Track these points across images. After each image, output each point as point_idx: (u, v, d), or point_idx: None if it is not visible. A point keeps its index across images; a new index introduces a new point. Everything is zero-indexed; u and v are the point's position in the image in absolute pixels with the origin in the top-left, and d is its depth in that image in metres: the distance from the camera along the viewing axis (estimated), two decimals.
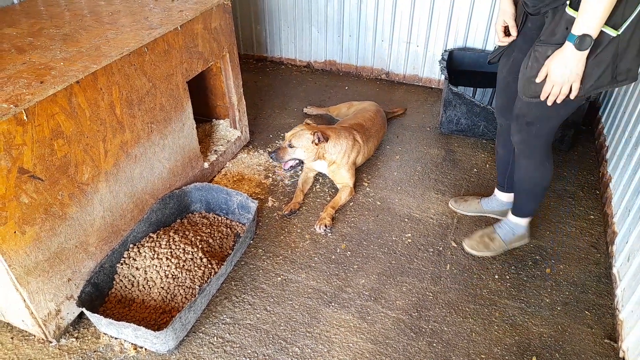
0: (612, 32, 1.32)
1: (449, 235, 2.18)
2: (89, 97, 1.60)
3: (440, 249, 2.11)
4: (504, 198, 2.18)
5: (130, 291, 1.82)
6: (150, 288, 1.81)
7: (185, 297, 1.79)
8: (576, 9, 1.32)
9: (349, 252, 2.10)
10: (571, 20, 1.35)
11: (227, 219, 2.21)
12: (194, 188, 2.20)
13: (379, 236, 2.18)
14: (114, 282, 1.84)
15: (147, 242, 1.94)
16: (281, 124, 3.02)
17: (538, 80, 1.47)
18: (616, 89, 2.57)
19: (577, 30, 1.32)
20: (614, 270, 1.93)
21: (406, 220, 2.27)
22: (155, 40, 1.85)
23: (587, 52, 1.34)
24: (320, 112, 3.06)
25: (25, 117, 1.38)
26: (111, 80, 1.68)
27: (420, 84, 3.47)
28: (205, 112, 2.79)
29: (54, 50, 1.70)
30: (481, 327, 1.78)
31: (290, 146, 2.31)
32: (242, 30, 3.76)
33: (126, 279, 1.84)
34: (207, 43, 2.20)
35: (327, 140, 2.32)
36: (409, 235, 2.19)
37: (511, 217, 2.04)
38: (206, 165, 2.41)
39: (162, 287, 1.80)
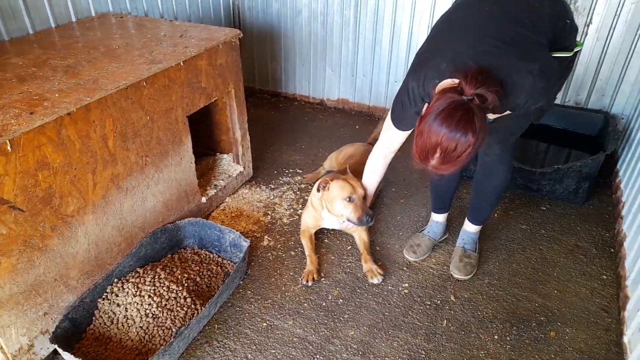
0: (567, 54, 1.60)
1: (448, 288, 2.06)
2: (80, 129, 1.60)
3: (438, 302, 2.00)
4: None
5: (108, 329, 1.76)
6: (129, 327, 1.75)
7: (163, 339, 1.73)
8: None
9: (340, 300, 2.01)
10: None
11: (219, 256, 2.15)
12: (188, 223, 2.17)
13: (374, 284, 2.08)
14: (94, 318, 1.78)
15: (133, 277, 1.90)
16: (288, 160, 2.99)
17: None
18: (636, 141, 2.45)
19: None
20: (625, 339, 1.78)
21: (405, 268, 2.17)
22: (155, 75, 1.86)
23: None
24: (314, 175, 2.77)
25: (9, 147, 1.37)
26: (105, 113, 1.68)
27: None
28: (210, 146, 2.78)
29: (53, 81, 1.72)
30: None
31: None
32: (257, 66, 3.80)
33: (106, 316, 1.78)
34: (212, 79, 2.21)
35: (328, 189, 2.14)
36: (406, 285, 2.08)
37: (474, 228, 2.18)
38: (204, 199, 2.38)
39: (141, 327, 1.74)
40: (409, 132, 1.77)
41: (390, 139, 1.83)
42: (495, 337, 1.85)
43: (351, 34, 3.32)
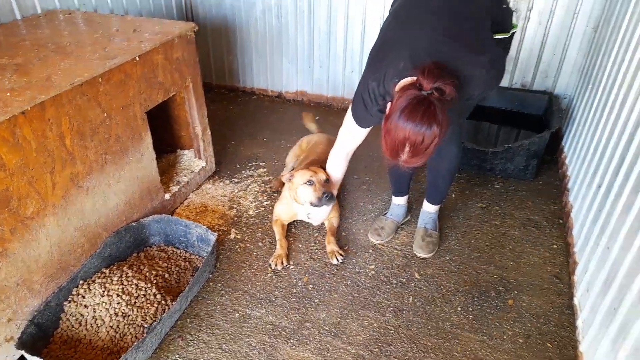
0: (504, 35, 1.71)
1: (412, 266, 2.15)
2: (36, 129, 1.56)
3: (404, 280, 2.08)
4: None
5: (77, 331, 1.73)
6: (98, 327, 1.72)
7: (135, 337, 1.72)
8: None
9: (310, 285, 2.05)
10: None
11: (186, 252, 2.15)
12: (152, 220, 2.14)
13: (342, 268, 2.14)
14: (60, 322, 1.75)
15: (99, 278, 1.87)
16: (250, 154, 3.00)
17: None
18: (577, 119, 2.62)
19: None
20: (575, 301, 1.92)
21: (370, 251, 2.24)
22: (110, 71, 1.83)
23: None
24: (279, 181, 2.66)
25: None
26: (61, 111, 1.64)
27: None
28: (170, 142, 2.75)
29: (2, 80, 1.66)
30: None
31: None
32: (213, 61, 3.77)
33: (73, 318, 1.75)
34: (169, 73, 2.18)
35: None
36: (373, 266, 2.15)
37: (432, 208, 2.27)
38: (167, 196, 2.36)
39: (111, 326, 1.72)
40: (369, 128, 1.88)
41: (353, 136, 1.93)
42: (459, 308, 1.95)
43: (306, 25, 3.35)
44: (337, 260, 2.15)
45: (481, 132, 3.05)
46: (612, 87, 2.09)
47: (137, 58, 1.96)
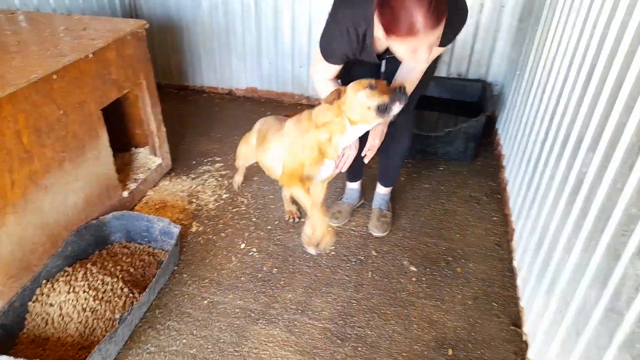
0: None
1: (369, 245, 2.30)
2: None
3: (362, 258, 2.22)
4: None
5: (44, 330, 1.72)
6: (66, 324, 1.73)
7: (105, 330, 1.74)
8: None
9: (275, 269, 2.15)
10: None
11: (149, 247, 2.17)
12: (113, 217, 2.15)
13: (305, 251, 2.25)
14: (26, 322, 1.73)
15: (62, 276, 1.86)
16: (205, 150, 3.03)
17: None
18: (508, 103, 2.88)
19: None
20: (514, 264, 2.14)
21: None
22: (65, 67, 1.83)
23: None
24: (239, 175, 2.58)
25: None
26: (17, 108, 1.63)
27: None
28: (124, 141, 2.74)
29: None
30: (402, 328, 1.88)
31: None
32: (160, 60, 3.75)
33: (39, 317, 1.74)
34: (122, 70, 2.20)
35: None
36: (333, 248, 2.28)
37: (385, 190, 2.42)
38: (125, 194, 2.36)
39: (80, 322, 1.73)
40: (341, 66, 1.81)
41: (326, 74, 1.85)
42: (413, 279, 2.11)
43: (253, 22, 3.42)
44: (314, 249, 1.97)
45: (424, 119, 3.26)
46: (535, 73, 2.34)
47: (91, 55, 1.97)
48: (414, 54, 1.44)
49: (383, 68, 2.05)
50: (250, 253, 2.23)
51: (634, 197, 1.16)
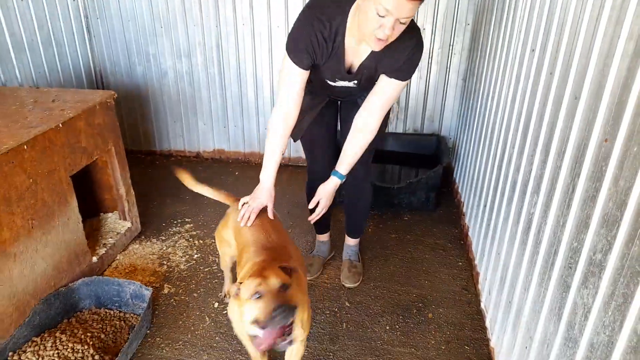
0: None
1: (342, 296, 2.34)
2: None
3: (336, 309, 2.25)
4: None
5: None
6: None
7: None
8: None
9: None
10: None
11: (119, 311, 2.13)
12: (82, 283, 2.12)
13: None
14: None
15: (30, 347, 1.81)
16: (174, 211, 3.06)
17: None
18: (462, 154, 3.09)
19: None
20: (482, 306, 2.23)
21: None
22: (35, 138, 1.88)
23: None
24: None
25: None
26: None
27: (304, 164, 3.79)
28: (92, 207, 2.74)
29: None
30: None
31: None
32: (127, 127, 3.83)
33: None
34: (91, 138, 2.26)
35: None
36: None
37: (354, 241, 2.51)
38: (95, 259, 2.34)
39: None
40: (308, 71, 1.76)
41: (291, 85, 1.75)
42: (387, 327, 2.15)
43: (218, 89, 3.59)
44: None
45: (387, 172, 3.43)
46: (482, 125, 2.56)
47: (60, 125, 2.03)
48: (380, 26, 1.45)
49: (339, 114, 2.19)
50: (224, 312, 2.23)
51: (574, 232, 1.29)
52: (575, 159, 1.33)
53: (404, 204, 3.05)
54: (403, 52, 1.69)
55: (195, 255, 2.62)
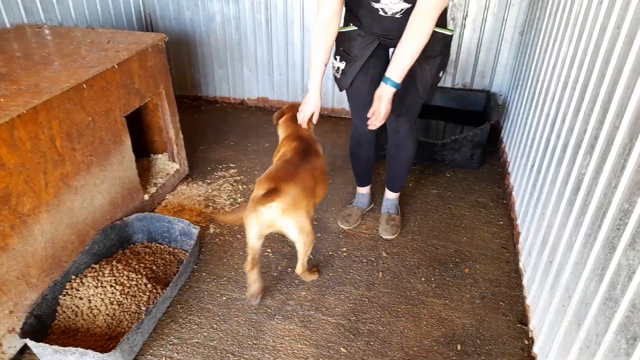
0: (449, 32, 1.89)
1: (379, 247, 2.39)
2: (30, 131, 1.67)
3: (373, 259, 2.31)
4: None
5: (74, 321, 1.82)
6: (95, 316, 1.83)
7: (131, 322, 1.83)
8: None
9: (289, 269, 2.24)
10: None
11: (169, 247, 2.27)
12: (135, 219, 2.26)
13: (317, 252, 2.34)
14: (57, 314, 1.84)
15: (90, 272, 1.97)
16: (219, 157, 3.15)
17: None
18: (512, 112, 2.99)
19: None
20: (520, 265, 2.22)
21: (341, 236, 2.46)
22: (93, 77, 1.96)
23: None
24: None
25: None
26: (51, 114, 1.76)
27: (348, 116, 3.77)
28: (143, 148, 2.86)
29: None
30: (412, 324, 1.97)
31: None
32: (175, 72, 3.89)
33: (69, 310, 1.84)
34: (144, 80, 2.33)
35: None
36: (345, 249, 2.37)
37: (393, 195, 2.53)
38: (146, 197, 2.48)
39: (107, 314, 1.83)
40: None
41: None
42: (423, 279, 2.20)
43: (264, 35, 3.56)
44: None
45: (430, 128, 3.37)
46: (536, 82, 2.45)
47: (116, 66, 2.10)
48: None
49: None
50: (266, 254, 2.33)
51: (626, 194, 1.26)
52: (635, 120, 1.27)
53: (447, 160, 3.01)
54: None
55: (239, 199, 2.71)
